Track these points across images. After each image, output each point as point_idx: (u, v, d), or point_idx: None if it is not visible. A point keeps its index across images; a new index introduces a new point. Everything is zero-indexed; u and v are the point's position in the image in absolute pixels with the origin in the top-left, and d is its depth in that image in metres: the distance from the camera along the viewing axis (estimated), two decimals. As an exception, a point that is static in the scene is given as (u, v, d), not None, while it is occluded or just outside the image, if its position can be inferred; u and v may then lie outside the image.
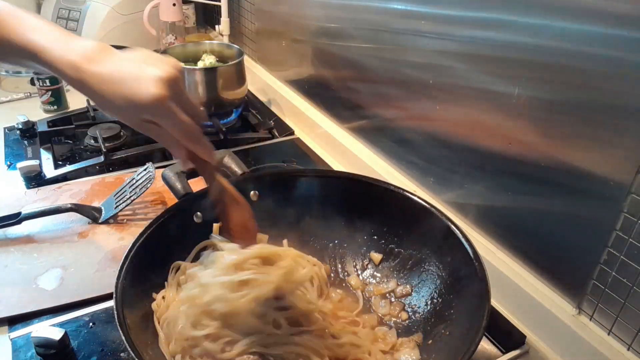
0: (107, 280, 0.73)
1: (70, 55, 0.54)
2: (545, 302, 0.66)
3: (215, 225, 0.69)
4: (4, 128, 1.17)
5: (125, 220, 0.86)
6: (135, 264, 0.60)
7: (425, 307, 0.67)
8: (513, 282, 0.70)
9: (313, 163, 1.07)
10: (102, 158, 1.01)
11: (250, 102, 1.31)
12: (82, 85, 0.55)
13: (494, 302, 0.69)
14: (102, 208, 0.87)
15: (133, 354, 0.50)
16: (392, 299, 0.70)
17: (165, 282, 0.65)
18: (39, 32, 0.56)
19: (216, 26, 1.54)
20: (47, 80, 1.22)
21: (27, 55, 0.56)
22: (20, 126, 1.13)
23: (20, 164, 0.98)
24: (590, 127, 0.58)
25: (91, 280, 0.73)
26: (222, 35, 1.53)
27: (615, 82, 0.54)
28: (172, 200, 0.77)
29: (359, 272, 0.74)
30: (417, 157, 0.88)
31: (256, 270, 0.57)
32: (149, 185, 0.85)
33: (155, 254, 0.65)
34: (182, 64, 0.57)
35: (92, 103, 1.22)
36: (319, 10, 1.07)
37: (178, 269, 0.66)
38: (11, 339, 0.66)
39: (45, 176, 0.98)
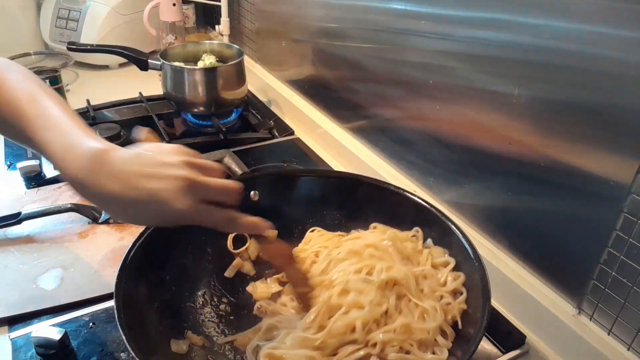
0: (107, 280, 0.73)
1: (76, 170, 0.50)
2: (545, 302, 0.66)
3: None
4: (4, 128, 1.17)
5: (125, 220, 0.86)
6: (135, 264, 0.60)
7: (425, 307, 0.67)
8: (513, 282, 0.70)
9: (313, 163, 1.07)
10: (102, 158, 1.01)
11: (250, 102, 1.31)
12: (95, 202, 0.53)
13: (494, 302, 0.69)
14: (102, 208, 0.87)
15: (133, 354, 0.50)
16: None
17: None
18: (54, 132, 0.52)
19: (216, 26, 1.54)
20: (47, 80, 1.21)
21: (43, 155, 0.53)
22: (20, 126, 1.13)
23: (20, 164, 0.97)
24: (590, 127, 0.58)
25: (91, 280, 0.73)
26: (222, 35, 1.52)
27: (615, 82, 0.54)
28: (172, 200, 0.77)
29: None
30: (417, 157, 0.88)
31: None
32: (149, 185, 0.85)
33: (156, 254, 0.65)
34: (186, 149, 0.54)
35: (92, 103, 1.22)
36: (319, 10, 1.07)
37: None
38: (11, 339, 0.66)
39: (45, 176, 0.98)
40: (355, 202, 0.75)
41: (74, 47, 1.25)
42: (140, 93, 1.29)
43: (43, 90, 0.56)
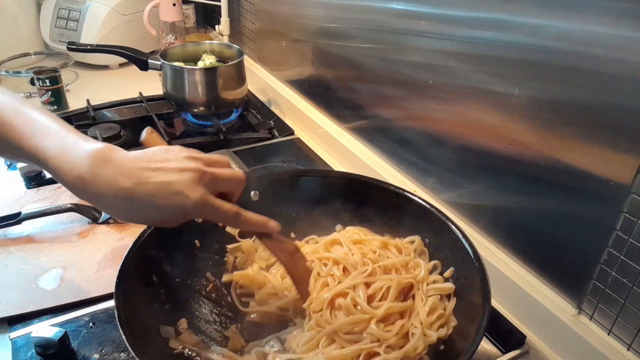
0: (107, 280, 0.73)
1: (78, 170, 0.49)
2: (545, 302, 0.66)
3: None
4: (4, 128, 1.17)
5: (125, 220, 0.86)
6: (135, 264, 0.60)
7: (425, 307, 0.67)
8: (513, 282, 0.70)
9: (313, 163, 1.07)
10: (102, 158, 1.01)
11: (250, 102, 1.31)
12: (98, 203, 0.51)
13: (494, 302, 0.69)
14: (102, 208, 0.87)
15: (133, 354, 0.50)
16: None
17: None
18: (46, 137, 0.51)
19: (216, 26, 1.54)
20: (47, 80, 1.22)
21: (36, 162, 0.52)
22: (20, 126, 1.13)
23: (20, 164, 0.97)
24: (590, 127, 0.58)
25: (91, 280, 0.73)
26: (222, 35, 1.53)
27: (615, 82, 0.54)
28: (172, 200, 0.77)
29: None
30: (417, 157, 0.88)
31: None
32: (149, 185, 0.85)
33: (156, 254, 0.65)
34: (191, 151, 0.54)
35: (92, 103, 1.22)
36: (319, 10, 1.07)
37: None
38: (11, 339, 0.66)
39: (45, 176, 0.98)
40: (355, 202, 0.75)
41: (74, 47, 1.25)
42: (140, 93, 1.29)
43: (22, 101, 0.55)
